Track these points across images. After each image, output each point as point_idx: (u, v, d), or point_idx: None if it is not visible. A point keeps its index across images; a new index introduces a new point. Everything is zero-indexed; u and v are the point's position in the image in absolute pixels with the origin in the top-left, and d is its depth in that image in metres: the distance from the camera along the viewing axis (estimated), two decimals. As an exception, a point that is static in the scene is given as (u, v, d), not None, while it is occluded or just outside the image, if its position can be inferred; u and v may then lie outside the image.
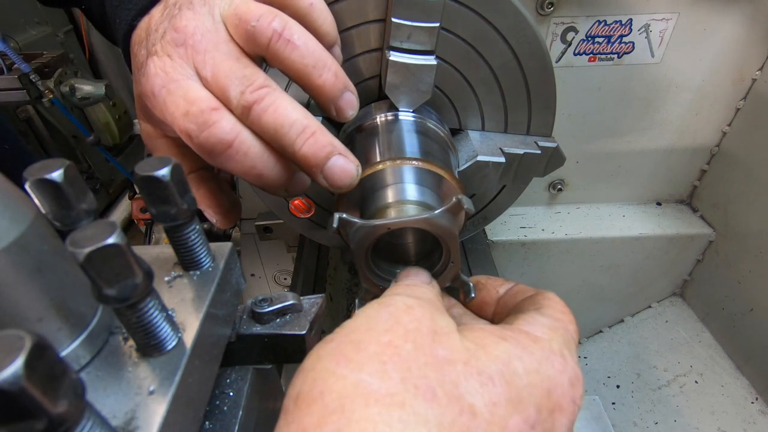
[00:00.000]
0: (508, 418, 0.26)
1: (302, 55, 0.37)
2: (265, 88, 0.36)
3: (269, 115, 0.36)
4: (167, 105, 0.36)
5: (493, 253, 1.08)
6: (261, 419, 0.36)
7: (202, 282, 0.30)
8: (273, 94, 0.37)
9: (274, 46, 0.37)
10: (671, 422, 1.02)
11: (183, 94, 0.36)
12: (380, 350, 0.26)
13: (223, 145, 0.36)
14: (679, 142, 1.03)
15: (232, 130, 0.36)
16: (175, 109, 0.36)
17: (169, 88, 0.36)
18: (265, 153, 0.38)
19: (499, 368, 0.27)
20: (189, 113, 0.35)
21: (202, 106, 0.35)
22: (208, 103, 0.36)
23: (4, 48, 1.29)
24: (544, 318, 0.33)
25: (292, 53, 0.37)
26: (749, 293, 1.02)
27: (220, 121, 0.36)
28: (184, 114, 0.36)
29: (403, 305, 0.30)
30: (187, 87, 0.36)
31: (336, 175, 0.38)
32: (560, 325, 0.33)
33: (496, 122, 0.56)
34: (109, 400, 0.24)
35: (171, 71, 0.37)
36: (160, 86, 0.37)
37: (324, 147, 0.38)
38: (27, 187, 0.23)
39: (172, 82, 0.36)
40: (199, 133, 0.35)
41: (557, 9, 0.83)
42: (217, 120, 0.35)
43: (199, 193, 0.45)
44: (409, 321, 0.28)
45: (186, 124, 0.36)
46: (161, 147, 0.44)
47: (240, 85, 0.36)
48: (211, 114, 0.35)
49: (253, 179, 0.38)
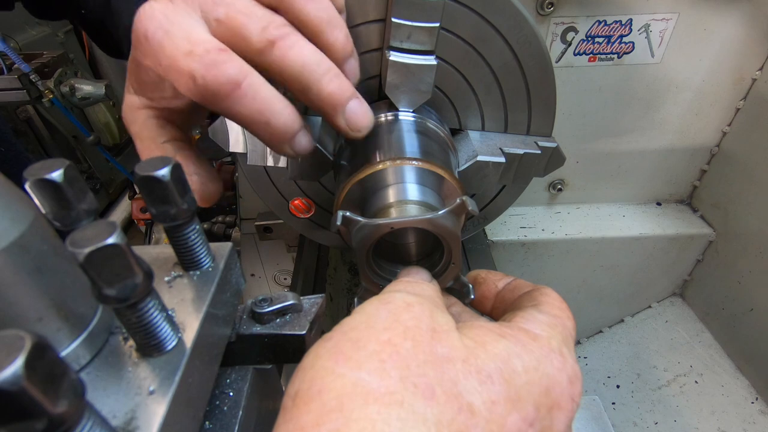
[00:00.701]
0: (506, 416, 0.26)
1: (318, 8, 0.37)
2: (288, 27, 0.35)
3: (296, 51, 0.35)
4: (164, 47, 0.34)
5: (493, 253, 1.08)
6: (261, 419, 0.36)
7: (202, 282, 0.30)
8: (296, 33, 0.35)
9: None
10: (671, 422, 1.02)
11: (185, 35, 0.34)
12: (379, 348, 0.26)
13: (232, 84, 0.34)
14: (679, 142, 1.03)
15: (241, 71, 0.34)
16: (175, 50, 0.33)
17: (167, 29, 0.34)
18: (274, 96, 0.36)
19: (498, 366, 0.27)
20: (193, 53, 0.33)
21: (208, 46, 0.33)
22: (214, 44, 0.34)
23: (4, 48, 1.29)
24: (542, 315, 0.33)
25: (307, 4, 0.36)
26: (749, 293, 1.02)
27: (229, 61, 0.34)
28: (187, 53, 0.33)
29: (403, 303, 0.30)
30: (189, 28, 0.34)
31: (358, 116, 0.39)
32: (558, 322, 0.33)
33: (496, 122, 0.56)
34: (109, 400, 0.24)
35: (171, 13, 0.34)
36: (156, 27, 0.34)
37: (348, 87, 0.38)
38: (27, 187, 0.23)
39: (171, 24, 0.34)
40: (205, 72, 0.33)
41: (557, 9, 0.83)
42: (226, 60, 0.33)
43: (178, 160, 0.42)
44: (408, 318, 0.28)
45: (190, 64, 0.33)
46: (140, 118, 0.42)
47: (262, 22, 0.34)
48: (219, 53, 0.33)
49: (261, 127, 0.36)
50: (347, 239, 0.40)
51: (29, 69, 1.32)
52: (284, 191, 0.59)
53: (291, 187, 0.59)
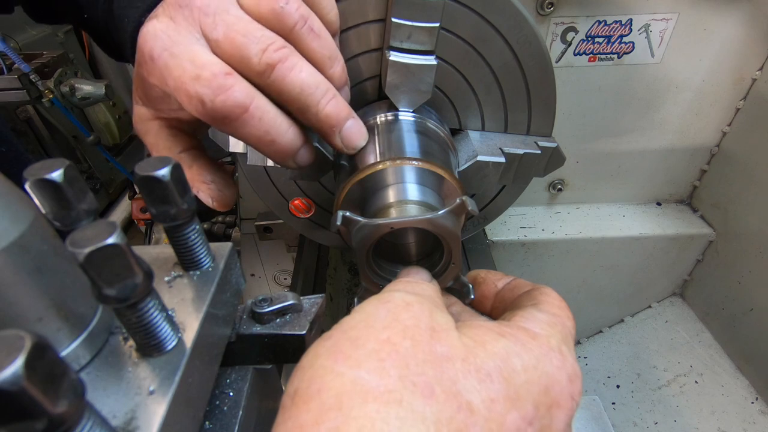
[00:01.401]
0: (505, 415, 0.26)
1: (322, 45, 0.39)
2: (287, 49, 0.36)
3: (295, 74, 0.36)
4: (170, 69, 0.35)
5: (493, 253, 1.08)
6: (261, 419, 0.36)
7: (202, 282, 0.30)
8: (296, 55, 0.36)
9: (298, 31, 0.37)
10: (671, 422, 1.02)
11: (190, 58, 0.34)
12: (378, 347, 0.26)
13: (240, 109, 0.35)
14: (679, 142, 1.03)
15: (248, 95, 0.35)
16: (182, 73, 0.34)
17: (172, 51, 0.35)
18: (279, 117, 0.37)
19: (497, 365, 0.27)
20: (200, 77, 0.34)
21: (214, 70, 0.34)
22: (220, 68, 0.34)
23: (4, 48, 1.29)
24: (541, 314, 0.33)
25: (312, 42, 0.38)
26: (749, 293, 1.02)
27: (236, 85, 0.34)
28: (194, 78, 0.34)
29: (402, 302, 0.30)
30: (194, 51, 0.35)
31: (353, 135, 0.41)
32: (558, 320, 0.33)
33: (496, 122, 0.56)
34: (109, 400, 0.24)
35: (174, 34, 0.35)
36: (161, 49, 0.35)
37: (344, 108, 0.40)
38: (27, 187, 0.23)
39: (175, 45, 0.35)
40: (214, 97, 0.34)
41: (557, 9, 0.83)
42: (233, 84, 0.34)
43: (192, 171, 0.43)
44: (407, 318, 0.28)
45: (198, 89, 0.34)
46: (152, 129, 0.43)
47: (261, 44, 0.35)
48: (226, 78, 0.34)
49: (266, 145, 0.38)
50: (347, 239, 0.40)
51: (29, 69, 1.32)
52: (284, 191, 0.59)
53: (291, 187, 0.59)
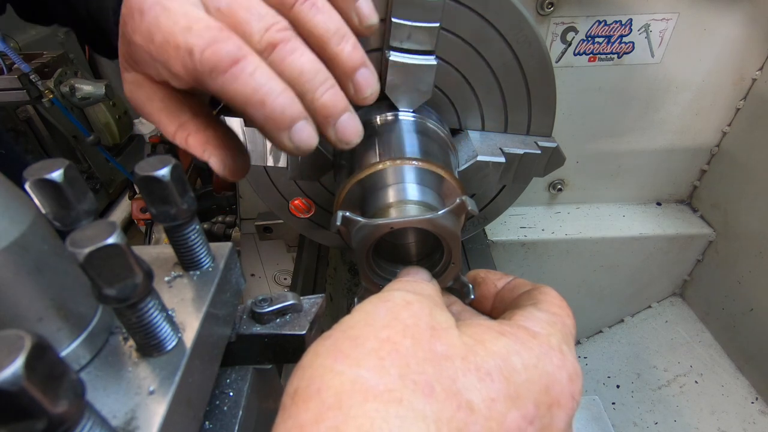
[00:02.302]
0: (506, 414, 0.26)
1: (325, 20, 0.37)
2: (290, 31, 0.35)
3: (295, 57, 0.35)
4: (160, 22, 0.33)
5: (493, 253, 1.08)
6: (261, 419, 0.36)
7: (202, 282, 0.30)
8: (298, 39, 0.35)
9: (299, 6, 0.36)
10: (671, 422, 1.02)
11: (184, 12, 0.33)
12: (378, 346, 0.26)
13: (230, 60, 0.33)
14: (679, 142, 1.03)
15: (240, 49, 0.33)
16: (173, 25, 0.33)
17: (164, 5, 0.33)
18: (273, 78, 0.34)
19: (497, 364, 0.27)
20: (192, 28, 0.32)
21: (209, 23, 0.33)
22: (214, 23, 0.33)
23: (4, 48, 1.29)
24: (541, 313, 0.33)
25: (315, 16, 0.36)
26: (749, 293, 1.02)
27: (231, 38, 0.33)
28: (186, 28, 0.32)
29: (402, 301, 0.30)
30: (189, 7, 0.34)
31: (348, 129, 0.38)
32: (558, 319, 0.33)
33: (496, 122, 0.56)
34: (109, 400, 0.24)
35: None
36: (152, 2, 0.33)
37: (342, 100, 0.37)
38: (27, 187, 0.23)
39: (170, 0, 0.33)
40: (206, 46, 0.32)
41: (557, 9, 0.83)
42: (228, 37, 0.33)
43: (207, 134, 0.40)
44: (407, 316, 0.28)
45: (189, 38, 0.32)
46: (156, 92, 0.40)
47: (264, 21, 0.34)
48: (220, 31, 0.33)
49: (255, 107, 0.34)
50: (347, 239, 0.40)
51: (29, 69, 1.31)
52: (284, 191, 0.59)
53: (291, 187, 0.59)
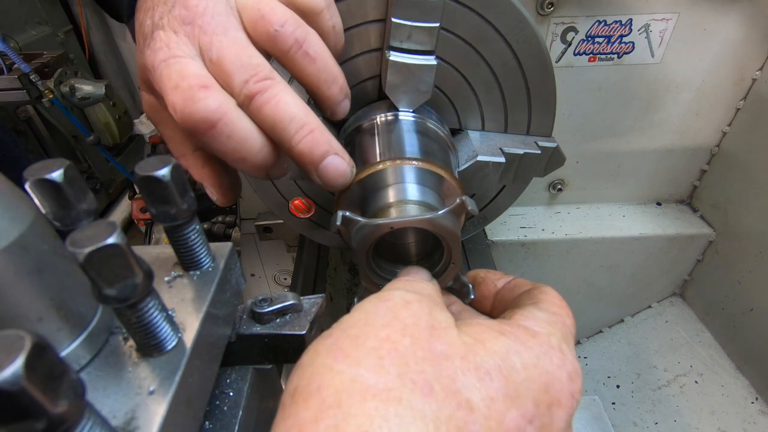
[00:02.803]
0: (505, 413, 0.26)
1: (317, 69, 0.40)
2: (269, 80, 0.36)
3: (270, 107, 0.36)
4: (162, 78, 0.36)
5: (493, 253, 1.08)
6: (261, 419, 0.36)
7: (202, 282, 0.30)
8: (276, 87, 0.37)
9: (293, 55, 0.38)
10: (671, 422, 1.02)
11: (179, 69, 0.36)
12: (378, 345, 0.26)
13: (207, 123, 0.35)
14: (679, 142, 1.03)
15: (216, 111, 0.35)
16: (168, 82, 0.36)
17: (168, 62, 0.36)
18: (251, 137, 0.37)
19: (497, 363, 0.28)
20: (178, 87, 0.35)
21: (192, 82, 0.35)
22: (199, 80, 0.35)
23: (4, 48, 1.28)
24: (541, 312, 0.33)
25: (308, 66, 0.39)
26: (749, 293, 1.02)
27: (207, 98, 0.35)
28: (174, 87, 0.35)
29: (402, 300, 0.30)
30: (185, 63, 0.36)
31: (330, 174, 0.39)
32: (558, 319, 0.33)
33: (496, 122, 0.56)
34: (109, 400, 0.24)
35: (174, 47, 0.36)
36: (160, 60, 0.36)
37: (321, 145, 0.38)
38: (27, 187, 0.23)
39: (172, 57, 0.36)
40: (183, 107, 0.35)
41: (557, 9, 0.83)
42: (204, 97, 0.35)
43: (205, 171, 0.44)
44: (407, 316, 0.29)
45: (173, 97, 0.35)
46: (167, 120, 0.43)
47: (244, 74, 0.36)
48: (198, 90, 0.35)
49: (235, 162, 0.38)
50: (347, 239, 0.40)
51: (29, 69, 1.31)
52: (284, 191, 0.59)
53: (291, 187, 0.59)
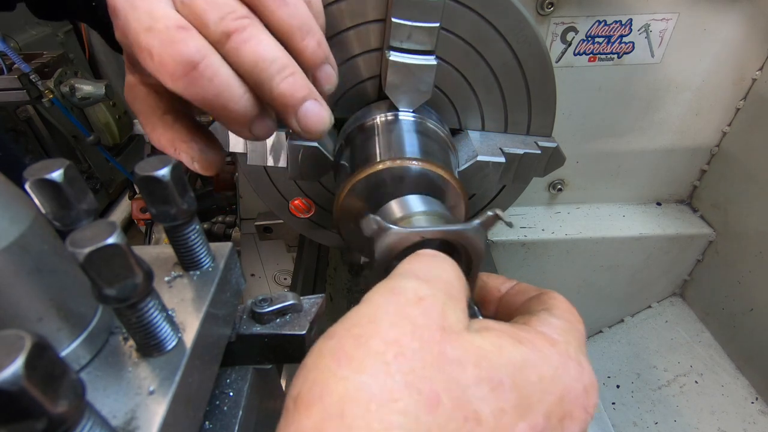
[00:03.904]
0: (514, 426, 0.25)
1: (290, 14, 0.36)
2: (247, 19, 0.34)
3: (251, 46, 0.34)
4: (129, 21, 0.33)
5: (493, 253, 1.08)
6: (261, 419, 0.36)
7: (202, 282, 0.30)
8: (256, 27, 0.35)
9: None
10: (671, 422, 1.02)
11: (148, 9, 0.33)
12: (384, 349, 0.25)
13: (188, 65, 0.33)
14: (679, 142, 1.03)
15: (198, 51, 0.33)
16: (138, 25, 0.33)
17: (133, 3, 0.33)
18: (233, 81, 0.35)
19: (512, 373, 0.26)
20: (152, 29, 0.32)
21: (168, 23, 0.33)
22: (175, 21, 0.33)
23: (4, 48, 1.28)
24: (557, 320, 0.31)
25: (279, 8, 0.36)
26: (749, 293, 1.02)
27: (187, 39, 0.33)
28: (147, 29, 0.33)
29: (414, 296, 0.28)
30: (154, 3, 0.33)
31: (310, 119, 0.37)
32: (572, 326, 0.31)
33: (496, 122, 0.56)
34: (109, 400, 0.24)
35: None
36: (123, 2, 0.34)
37: (302, 87, 0.36)
38: (27, 187, 0.23)
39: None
40: (161, 50, 0.32)
41: (557, 9, 0.83)
42: (184, 38, 0.33)
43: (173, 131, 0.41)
44: (418, 314, 0.26)
45: (148, 40, 0.33)
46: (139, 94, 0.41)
47: (220, 11, 0.34)
48: (177, 31, 0.33)
49: (217, 110, 0.35)
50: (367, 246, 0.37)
51: (29, 69, 1.31)
52: (284, 191, 0.59)
53: (291, 187, 0.59)
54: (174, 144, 0.40)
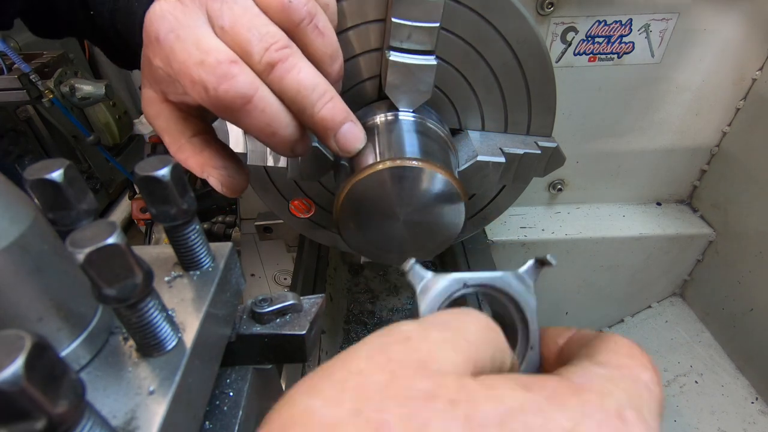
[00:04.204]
0: None
1: (325, 44, 0.39)
2: (288, 49, 0.36)
3: (293, 75, 0.36)
4: (175, 53, 0.34)
5: (493, 253, 1.08)
6: (261, 419, 0.36)
7: (202, 282, 0.30)
8: (296, 55, 0.37)
9: (303, 28, 0.37)
10: (671, 422, 1.02)
11: (195, 42, 0.34)
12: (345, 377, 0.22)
13: (243, 100, 0.35)
14: (679, 142, 1.03)
15: (252, 85, 0.35)
16: (187, 58, 0.34)
17: (178, 34, 0.34)
18: (281, 110, 0.37)
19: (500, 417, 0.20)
20: (205, 63, 0.34)
21: (219, 57, 0.34)
22: (226, 55, 0.34)
23: (4, 48, 1.28)
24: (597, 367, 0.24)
25: (316, 39, 0.38)
26: (749, 293, 1.02)
27: (240, 74, 0.34)
28: (199, 63, 0.34)
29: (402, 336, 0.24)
30: (200, 34, 0.34)
31: (349, 140, 0.41)
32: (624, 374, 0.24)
33: (496, 122, 0.56)
34: (109, 400, 0.24)
35: (181, 16, 0.35)
36: (167, 30, 0.34)
37: (341, 112, 0.39)
38: (27, 187, 0.23)
39: (182, 27, 0.34)
40: (217, 85, 0.34)
41: (557, 9, 0.83)
42: (238, 73, 0.34)
43: (203, 156, 0.42)
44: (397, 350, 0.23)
45: (202, 75, 0.34)
46: (162, 112, 0.42)
47: (263, 42, 0.35)
48: (230, 66, 0.34)
49: (266, 136, 0.38)
50: None
51: (29, 69, 1.31)
52: (284, 191, 0.59)
53: (291, 187, 0.59)
54: (204, 169, 0.42)
